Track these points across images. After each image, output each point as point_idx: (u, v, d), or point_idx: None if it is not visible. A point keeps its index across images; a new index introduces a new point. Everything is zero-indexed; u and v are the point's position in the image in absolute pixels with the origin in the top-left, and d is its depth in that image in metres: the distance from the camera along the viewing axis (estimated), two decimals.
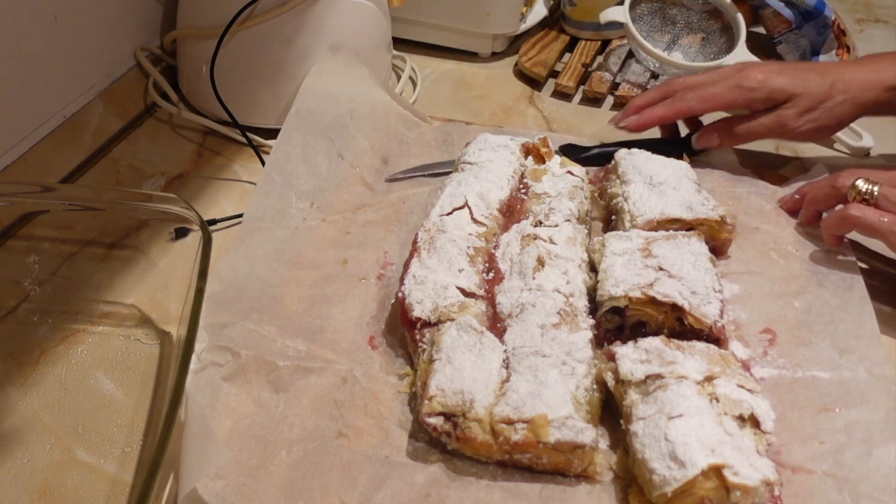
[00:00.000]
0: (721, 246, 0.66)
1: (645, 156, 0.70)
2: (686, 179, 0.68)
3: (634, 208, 0.65)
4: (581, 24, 0.98)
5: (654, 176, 0.67)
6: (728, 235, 0.65)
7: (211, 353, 0.55)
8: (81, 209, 0.64)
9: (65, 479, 0.51)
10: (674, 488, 0.46)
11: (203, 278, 0.54)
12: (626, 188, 0.68)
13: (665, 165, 0.69)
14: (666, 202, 0.65)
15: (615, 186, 0.69)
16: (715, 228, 0.64)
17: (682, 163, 0.70)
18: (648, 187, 0.67)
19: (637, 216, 0.65)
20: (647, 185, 0.67)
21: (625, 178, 0.68)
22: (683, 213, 0.64)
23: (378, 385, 0.56)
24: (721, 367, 0.52)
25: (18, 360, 0.58)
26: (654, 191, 0.66)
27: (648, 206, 0.65)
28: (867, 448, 0.51)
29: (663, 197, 0.65)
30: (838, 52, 0.94)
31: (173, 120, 0.85)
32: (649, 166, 0.68)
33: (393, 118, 0.80)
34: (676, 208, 0.64)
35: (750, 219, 0.69)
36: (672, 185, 0.66)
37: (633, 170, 0.69)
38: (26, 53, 0.70)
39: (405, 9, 0.91)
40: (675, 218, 0.64)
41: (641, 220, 0.64)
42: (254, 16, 0.76)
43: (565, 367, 0.52)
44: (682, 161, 0.71)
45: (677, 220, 0.64)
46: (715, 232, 0.64)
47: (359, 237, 0.68)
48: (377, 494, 0.49)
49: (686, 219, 0.64)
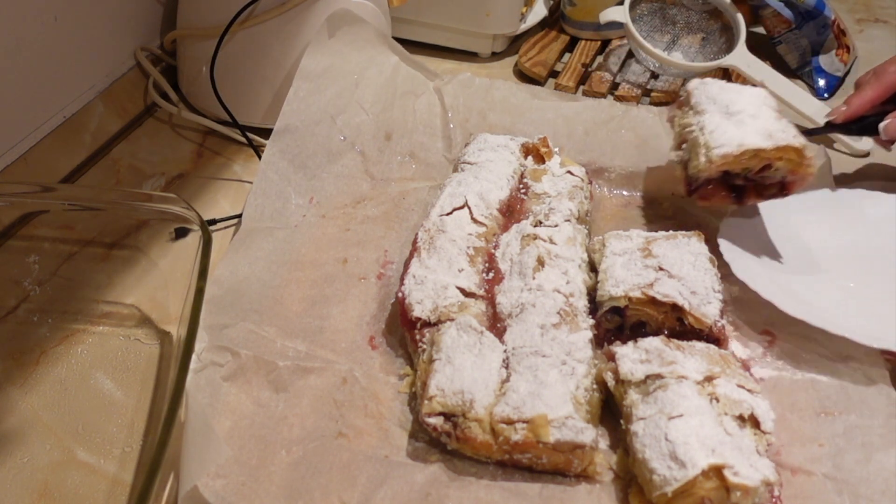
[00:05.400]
0: (799, 181, 0.62)
1: (719, 84, 0.66)
2: (765, 107, 0.63)
3: (711, 138, 0.61)
4: (581, 24, 0.98)
5: (731, 105, 0.63)
6: (807, 170, 0.61)
7: (211, 353, 0.55)
8: (81, 209, 0.64)
9: (65, 479, 0.51)
10: (674, 488, 0.46)
11: (203, 278, 0.54)
12: (700, 118, 0.64)
13: (741, 93, 0.65)
14: (745, 131, 0.61)
15: (688, 117, 0.66)
16: (795, 161, 0.60)
17: (760, 90, 0.66)
18: (725, 116, 0.62)
19: (713, 147, 0.61)
20: (722, 115, 0.63)
21: (698, 108, 0.65)
22: (763, 142, 0.60)
23: (378, 385, 0.56)
24: (721, 367, 0.52)
25: (18, 360, 0.58)
26: (730, 120, 0.62)
27: (726, 136, 0.61)
28: (867, 452, 0.51)
29: (741, 126, 0.61)
30: (838, 53, 0.94)
31: (173, 120, 0.85)
32: (724, 95, 0.65)
33: (401, 81, 0.80)
34: (755, 137, 0.60)
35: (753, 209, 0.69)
36: (750, 112, 0.62)
37: (707, 99, 0.65)
38: (26, 53, 0.70)
39: (405, 9, 0.91)
40: (755, 149, 0.60)
41: (718, 152, 0.60)
42: (254, 16, 0.76)
43: (565, 367, 0.52)
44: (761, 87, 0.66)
45: (757, 152, 0.60)
46: (794, 165, 0.60)
47: (359, 234, 0.68)
48: (377, 494, 0.49)
49: (766, 148, 0.60)
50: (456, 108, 0.80)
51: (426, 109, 0.79)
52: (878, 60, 0.73)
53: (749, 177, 0.62)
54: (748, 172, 0.62)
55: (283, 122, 0.72)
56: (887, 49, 1.01)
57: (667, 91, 0.90)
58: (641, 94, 0.90)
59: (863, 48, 0.98)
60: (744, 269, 0.61)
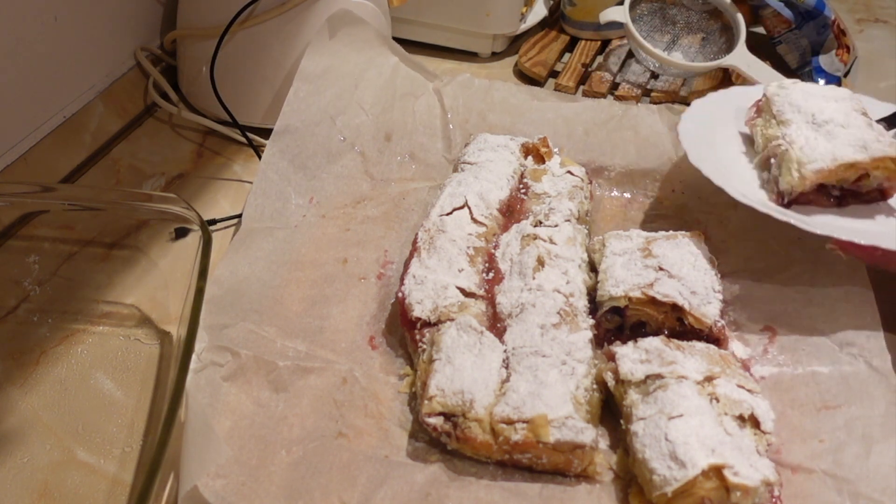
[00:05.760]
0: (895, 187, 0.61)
1: (802, 89, 0.64)
2: (854, 113, 0.61)
3: (802, 154, 0.59)
4: (581, 24, 0.98)
5: (818, 114, 0.61)
6: None
7: (211, 353, 0.55)
8: (81, 209, 0.64)
9: (65, 479, 0.51)
10: (674, 488, 0.46)
11: (203, 278, 0.54)
12: (785, 130, 0.62)
13: (827, 99, 0.63)
14: (836, 144, 0.59)
15: (772, 128, 0.64)
16: (891, 169, 0.59)
17: (845, 90, 0.64)
18: (813, 128, 0.60)
19: (806, 163, 0.59)
20: (810, 126, 0.61)
21: (781, 117, 0.63)
22: (858, 155, 0.58)
23: (378, 385, 0.56)
24: (721, 367, 0.52)
25: (18, 360, 0.58)
26: (819, 131, 0.60)
27: (818, 151, 0.59)
28: (866, 446, 0.51)
29: (832, 138, 0.59)
30: (838, 53, 0.94)
31: (173, 120, 0.85)
32: (810, 102, 0.62)
33: (400, 83, 0.80)
34: (849, 150, 0.58)
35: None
36: (839, 122, 0.60)
37: (791, 108, 0.63)
38: (26, 53, 0.70)
39: (405, 9, 0.91)
40: (850, 163, 0.58)
41: (811, 168, 0.59)
42: (254, 16, 0.76)
43: (565, 367, 0.52)
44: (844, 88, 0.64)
45: (852, 165, 0.58)
46: (891, 173, 0.59)
47: (359, 234, 0.68)
48: (377, 494, 0.49)
49: (862, 161, 0.58)
50: (455, 109, 0.80)
51: (426, 110, 0.79)
52: (878, 60, 0.72)
53: (845, 187, 0.61)
54: (844, 183, 0.61)
55: (283, 123, 0.72)
56: (887, 49, 1.01)
57: (667, 91, 0.90)
58: (641, 94, 0.90)
59: (863, 48, 0.98)
60: (699, 158, 0.62)
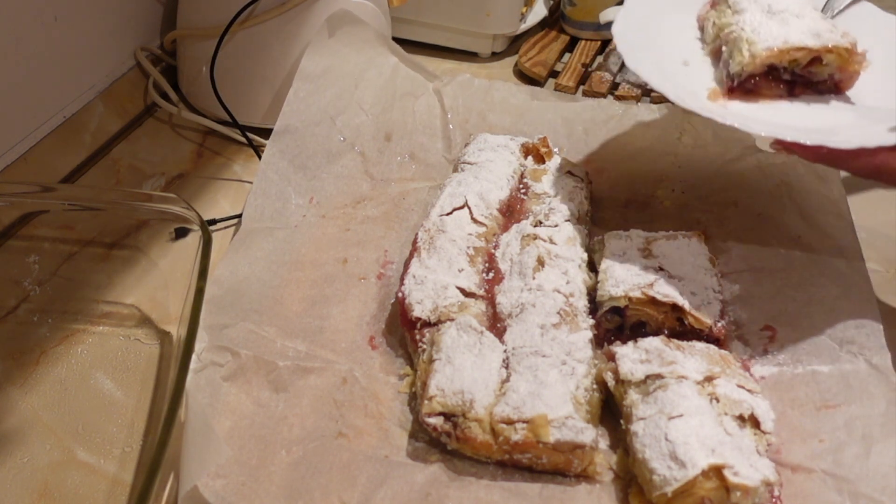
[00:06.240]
0: (848, 79, 0.60)
1: None
2: (809, 7, 0.62)
3: (754, 35, 0.60)
4: (581, 24, 0.98)
5: (773, 4, 0.62)
6: (857, 67, 0.60)
7: (211, 352, 0.55)
8: (81, 209, 0.64)
9: (65, 479, 0.51)
10: (674, 488, 0.46)
11: (203, 278, 0.54)
12: (740, 17, 0.62)
13: None
14: (789, 29, 0.59)
15: (725, 17, 0.64)
16: (844, 58, 0.59)
17: None
18: (767, 15, 0.61)
19: (755, 42, 0.59)
20: (764, 14, 0.61)
21: (737, 7, 0.63)
22: (809, 41, 0.58)
23: (378, 385, 0.56)
24: (721, 367, 0.52)
25: (18, 360, 0.58)
26: (773, 19, 0.60)
27: (770, 33, 0.59)
28: (866, 445, 0.51)
29: (785, 24, 0.60)
30: None
31: (173, 120, 0.85)
32: None
33: (400, 83, 0.80)
34: (801, 35, 0.59)
35: (754, 203, 0.69)
36: (794, 12, 0.61)
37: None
38: (26, 53, 0.70)
39: (405, 9, 0.91)
40: (800, 46, 0.58)
41: (761, 46, 0.59)
42: (254, 16, 0.76)
43: (565, 367, 0.52)
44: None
45: (802, 49, 0.58)
46: (844, 62, 0.59)
47: (359, 234, 0.68)
48: (377, 494, 0.49)
49: (813, 46, 0.58)
50: (455, 109, 0.80)
51: (426, 111, 0.79)
52: None
53: (797, 72, 0.60)
54: (796, 66, 0.60)
55: (283, 123, 0.72)
56: None
57: None
58: (641, 93, 0.90)
59: None
60: (636, 61, 0.60)
